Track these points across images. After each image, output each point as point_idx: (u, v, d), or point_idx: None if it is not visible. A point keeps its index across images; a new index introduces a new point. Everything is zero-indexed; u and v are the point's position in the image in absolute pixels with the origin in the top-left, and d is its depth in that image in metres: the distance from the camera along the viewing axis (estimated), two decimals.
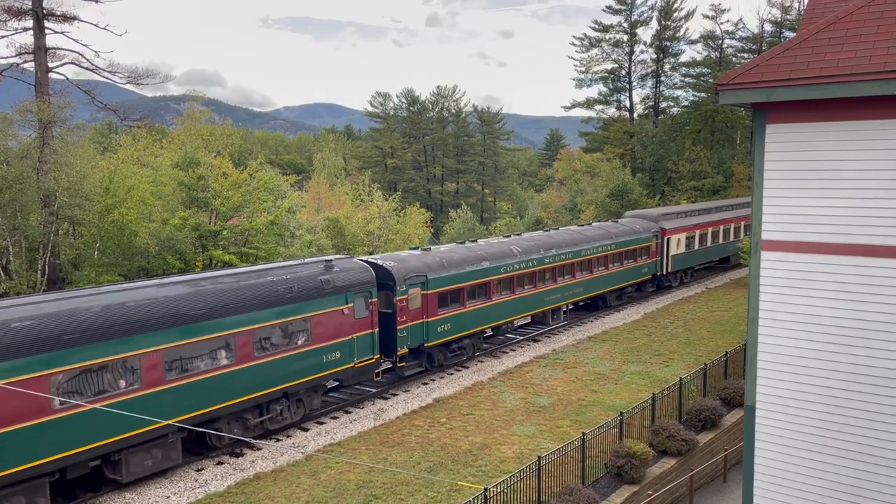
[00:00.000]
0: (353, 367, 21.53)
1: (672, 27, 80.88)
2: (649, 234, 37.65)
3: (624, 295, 36.94)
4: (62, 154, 31.96)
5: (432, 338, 24.49)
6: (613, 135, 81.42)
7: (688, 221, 41.60)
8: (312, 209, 55.67)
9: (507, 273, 27.72)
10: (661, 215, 40.41)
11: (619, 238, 35.26)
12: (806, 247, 9.90)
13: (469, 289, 25.91)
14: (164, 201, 36.87)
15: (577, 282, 32.21)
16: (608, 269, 34.33)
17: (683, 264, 41.29)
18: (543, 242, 30.50)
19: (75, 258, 33.53)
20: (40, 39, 35.71)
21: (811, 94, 9.30)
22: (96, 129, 74.78)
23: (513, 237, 31.13)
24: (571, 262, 31.57)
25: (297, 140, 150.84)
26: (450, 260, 25.42)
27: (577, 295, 32.55)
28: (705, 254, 43.96)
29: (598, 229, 34.99)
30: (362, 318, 21.72)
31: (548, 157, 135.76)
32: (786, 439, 10.30)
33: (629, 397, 22.49)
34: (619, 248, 35.05)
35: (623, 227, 36.78)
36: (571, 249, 31.66)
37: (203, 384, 17.27)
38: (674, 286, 41.52)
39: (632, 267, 36.37)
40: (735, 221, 47.28)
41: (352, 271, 21.70)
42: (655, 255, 38.49)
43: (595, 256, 33.17)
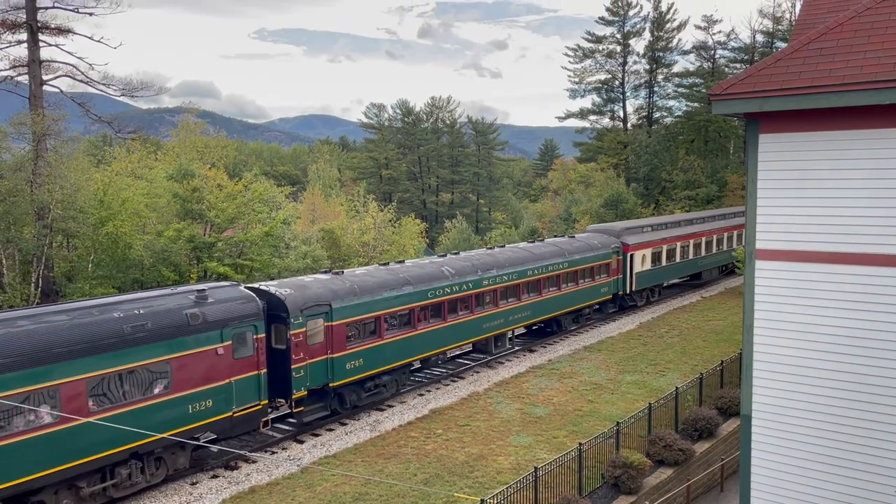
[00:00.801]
0: (231, 417, 18.05)
1: (665, 38, 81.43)
2: (609, 251, 34.77)
3: (581, 317, 33.93)
4: (56, 167, 31.92)
5: (339, 376, 21.13)
6: (607, 145, 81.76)
7: (654, 236, 38.72)
8: (307, 220, 55.64)
9: (437, 298, 24.59)
10: (623, 230, 37.52)
11: (574, 255, 32.23)
12: (800, 255, 9.94)
13: (387, 317, 22.72)
14: (158, 213, 36.83)
15: (524, 305, 29.00)
16: (560, 289, 31.25)
17: (650, 282, 38.50)
18: (483, 263, 27.47)
19: (69, 271, 33.42)
20: (34, 52, 35.73)
21: (803, 104, 9.36)
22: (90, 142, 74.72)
23: (449, 257, 27.99)
24: (516, 283, 28.43)
25: (292, 151, 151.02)
26: (363, 285, 22.31)
27: (524, 319, 29.41)
28: (674, 270, 41.32)
29: (550, 246, 32.10)
30: (244, 357, 18.35)
31: (542, 167, 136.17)
32: (782, 448, 10.29)
33: (625, 407, 22.46)
34: (574, 266, 32.00)
35: (579, 243, 33.83)
36: (516, 269, 28.54)
37: (17, 448, 14.23)
38: (639, 306, 38.44)
39: (589, 287, 33.31)
40: (707, 235, 44.56)
41: (230, 302, 18.40)
42: (617, 273, 35.52)
43: (544, 276, 30.15)
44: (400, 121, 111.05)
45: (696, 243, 42.86)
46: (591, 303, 34.01)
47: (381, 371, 22.74)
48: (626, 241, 36.10)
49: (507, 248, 31.02)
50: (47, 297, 31.90)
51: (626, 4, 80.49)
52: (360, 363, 21.84)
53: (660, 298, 40.88)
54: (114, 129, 40.73)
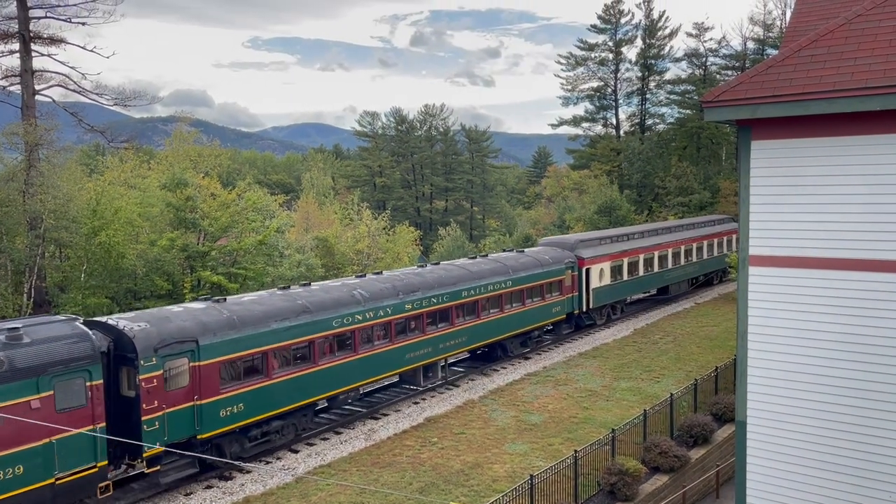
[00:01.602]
0: (53, 485, 14.78)
1: (656, 45, 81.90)
2: (562, 266, 31.71)
3: (530, 340, 30.79)
4: (49, 176, 31.82)
5: (210, 426, 17.65)
6: (600, 152, 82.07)
7: (613, 248, 35.94)
8: (301, 229, 55.57)
9: (344, 327, 21.32)
10: (578, 242, 34.42)
11: (519, 273, 29.16)
12: (793, 261, 9.97)
13: (278, 353, 19.36)
14: (151, 223, 36.75)
15: (458, 330, 25.89)
16: (504, 311, 28.14)
17: (609, 298, 35.48)
18: (406, 284, 24.28)
19: (62, 281, 33.28)
20: (27, 62, 35.68)
21: (794, 110, 9.42)
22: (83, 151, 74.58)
23: (368, 277, 24.78)
24: (447, 306, 25.32)
25: (286, 160, 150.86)
26: (246, 315, 18.89)
27: (460, 346, 26.18)
28: (638, 285, 38.40)
29: (492, 263, 28.99)
30: (73, 409, 15.09)
31: (536, 174, 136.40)
32: (777, 454, 10.29)
33: (621, 414, 22.45)
34: (519, 284, 28.92)
35: (527, 258, 30.68)
36: (447, 291, 25.39)
37: None
38: (598, 324, 35.36)
39: (538, 307, 30.13)
40: (674, 246, 41.43)
41: (54, 343, 15.14)
42: (571, 291, 32.49)
43: (483, 297, 27.03)
44: (393, 129, 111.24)
45: (661, 255, 39.99)
46: (540, 324, 30.84)
47: (269, 416, 19.24)
48: (580, 255, 33.22)
49: (442, 265, 27.90)
50: (40, 308, 31.75)
51: (617, 12, 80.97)
52: (241, 408, 18.23)
53: (623, 316, 37.95)
54: (107, 138, 40.71)
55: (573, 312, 33.19)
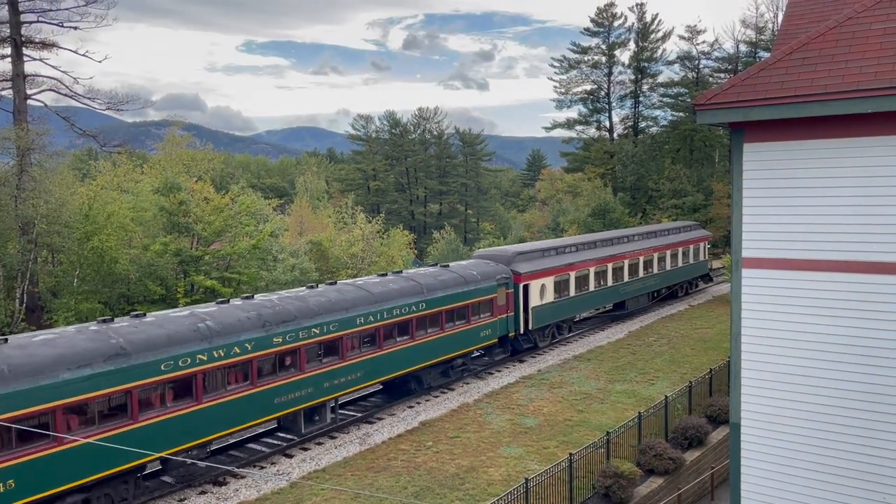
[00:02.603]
0: None
1: (649, 48, 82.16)
2: (492, 283, 27.76)
3: (453, 370, 26.54)
4: (41, 181, 31.74)
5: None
6: (594, 155, 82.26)
7: (558, 261, 32.15)
8: (295, 233, 55.47)
9: (179, 371, 17.00)
10: (516, 255, 30.34)
11: (436, 292, 25.06)
12: (786, 263, 9.99)
13: (76, 408, 15.23)
14: (144, 227, 36.65)
15: (352, 364, 21.60)
16: (414, 338, 23.96)
17: (553, 317, 31.71)
18: (276, 312, 19.73)
19: (54, 286, 33.15)
20: (18, 66, 35.60)
21: (786, 113, 9.45)
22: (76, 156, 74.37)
23: (231, 304, 19.84)
24: (336, 336, 21.03)
25: (279, 164, 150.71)
26: (28, 363, 14.65)
27: (354, 382, 21.88)
28: (588, 301, 34.50)
29: (403, 281, 24.74)
30: None
31: (530, 177, 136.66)
32: (772, 456, 10.31)
33: (615, 416, 22.46)
34: (436, 306, 24.88)
35: (449, 275, 26.44)
36: (335, 318, 21.06)
37: None
38: (541, 347, 31.32)
39: (462, 331, 26.14)
40: (632, 257, 37.65)
41: None
42: (505, 310, 28.54)
43: (386, 324, 22.84)
44: (387, 132, 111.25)
45: (617, 268, 36.33)
46: (464, 351, 26.63)
47: (64, 490, 15.03)
48: (517, 270, 29.43)
49: (339, 286, 23.36)
50: (32, 313, 31.62)
51: (610, 15, 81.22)
52: (12, 486, 14.10)
53: (572, 335, 34.11)
54: (99, 142, 40.68)
55: (508, 335, 29.04)
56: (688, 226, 46.95)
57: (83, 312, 30.37)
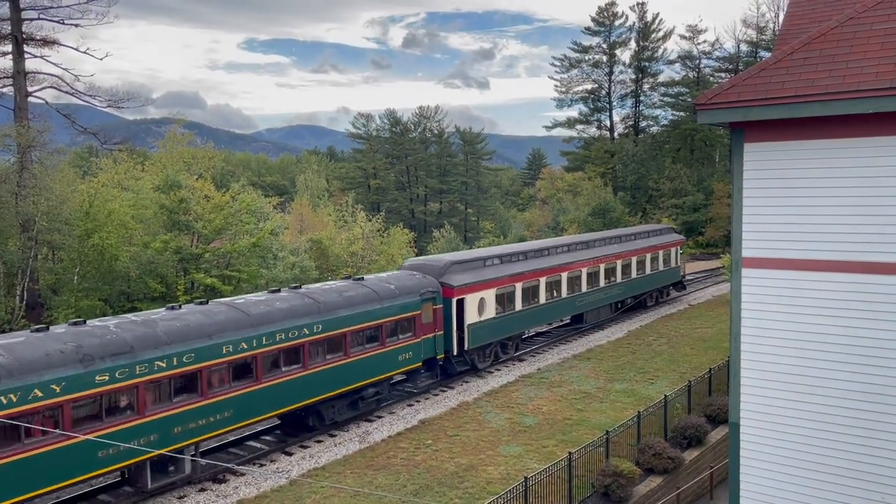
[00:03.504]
0: None
1: (650, 48, 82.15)
2: (416, 299, 24.02)
3: (363, 401, 22.55)
4: (41, 178, 31.77)
5: None
6: (594, 154, 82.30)
7: (502, 271, 28.58)
8: (295, 231, 55.49)
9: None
10: (450, 265, 26.58)
11: (338, 311, 21.14)
12: (786, 263, 10.00)
13: None
14: (145, 225, 36.69)
15: (215, 402, 17.71)
16: (307, 367, 20.05)
17: (495, 335, 27.98)
18: (105, 343, 15.99)
19: (55, 283, 33.18)
20: (19, 63, 35.61)
21: (787, 113, 9.45)
22: (76, 153, 74.41)
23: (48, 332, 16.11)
24: (194, 369, 17.24)
25: (280, 162, 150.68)
26: None
27: (221, 424, 17.92)
28: (540, 314, 30.97)
29: (298, 298, 20.86)
30: None
31: (530, 176, 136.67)
32: (771, 456, 10.32)
33: (615, 415, 22.48)
34: (337, 328, 20.95)
35: (360, 290, 22.60)
36: (194, 347, 17.25)
37: None
38: (480, 369, 27.74)
39: (373, 356, 22.35)
40: (592, 264, 34.17)
41: None
42: (432, 329, 24.94)
43: (267, 351, 18.97)
44: (388, 131, 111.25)
45: (573, 277, 32.87)
46: (378, 378, 22.77)
47: None
48: (449, 283, 25.83)
49: (210, 306, 19.50)
50: (32, 310, 31.64)
51: (611, 15, 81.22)
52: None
53: (521, 353, 30.59)
54: (100, 140, 40.69)
55: (436, 357, 25.41)
56: (658, 229, 43.29)
57: (83, 310, 30.40)
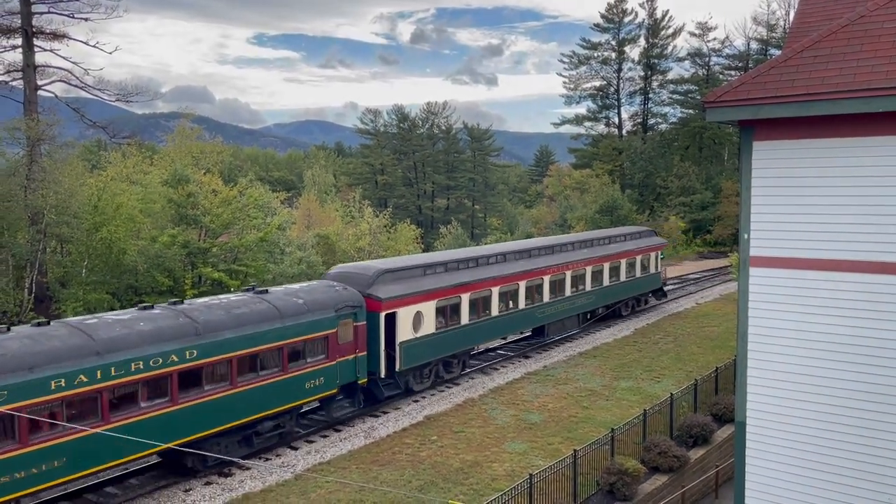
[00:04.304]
0: None
1: (660, 45, 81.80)
2: (329, 315, 20.46)
3: (258, 437, 19.20)
4: (50, 171, 31.90)
5: None
6: (602, 151, 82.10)
7: (446, 280, 25.09)
8: (302, 226, 55.62)
9: None
10: (381, 274, 23.17)
11: (219, 334, 17.65)
12: (794, 263, 9.95)
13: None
14: (153, 219, 36.81)
15: (39, 450, 14.30)
16: (176, 402, 16.67)
17: (437, 352, 24.67)
18: None
19: (63, 276, 33.33)
20: (29, 57, 35.72)
21: (797, 111, 9.39)
22: (85, 147, 74.66)
23: None
24: (18, 407, 13.82)
25: (288, 157, 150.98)
26: None
27: (45, 477, 14.49)
28: (493, 328, 27.46)
29: (168, 318, 17.24)
30: None
31: (537, 173, 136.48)
32: (777, 455, 10.29)
33: (620, 413, 22.45)
34: (218, 354, 17.51)
35: (255, 306, 19.13)
36: (15, 382, 13.87)
37: None
38: (417, 391, 24.55)
39: (270, 384, 18.86)
40: (555, 272, 30.65)
41: None
42: (352, 350, 21.39)
43: (118, 384, 15.54)
44: (395, 126, 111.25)
45: (532, 286, 29.38)
46: (278, 410, 19.27)
47: None
48: (375, 295, 22.33)
49: (55, 325, 16.03)
50: (40, 303, 31.79)
51: (621, 11, 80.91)
52: None
53: (471, 371, 27.36)
54: (109, 133, 40.79)
55: (357, 382, 21.80)
56: (637, 232, 39.60)
57: (91, 303, 30.55)
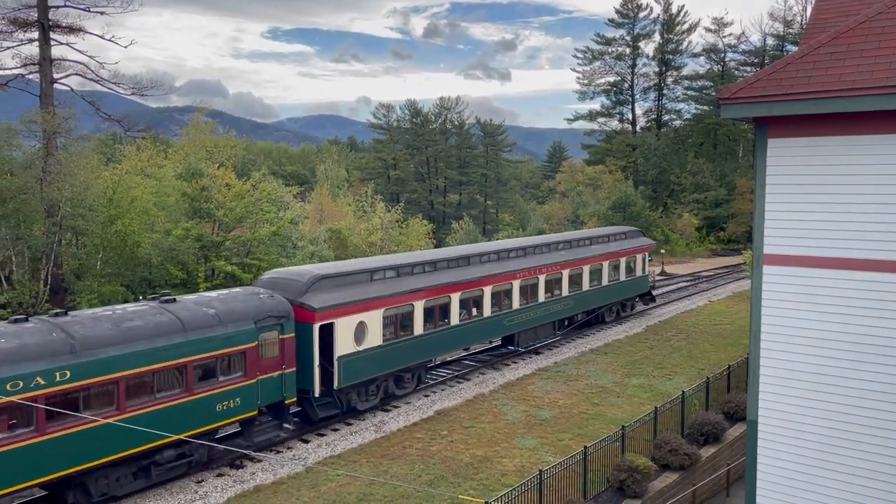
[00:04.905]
0: None
1: (674, 40, 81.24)
2: (247, 327, 18.02)
3: (157, 468, 16.85)
4: (66, 164, 32.16)
5: None
6: (616, 147, 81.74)
7: (395, 286, 22.52)
8: (315, 220, 55.77)
9: None
10: (314, 280, 20.55)
11: (101, 351, 15.31)
12: (808, 261, 9.89)
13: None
14: (167, 212, 37.06)
15: None
16: (45, 433, 14.42)
17: (383, 367, 22.15)
18: None
19: (78, 268, 33.64)
20: (46, 50, 36.00)
21: (812, 108, 9.32)
22: (101, 140, 75.21)
23: None
24: None
25: (301, 151, 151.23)
26: None
27: None
28: (452, 338, 24.95)
29: (34, 334, 14.82)
30: None
31: (550, 169, 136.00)
32: (789, 454, 10.24)
33: (631, 410, 22.40)
34: (101, 375, 15.22)
35: (154, 318, 16.71)
36: None
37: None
38: (362, 411, 22.01)
39: (174, 406, 16.68)
40: (527, 275, 28.03)
41: None
42: (278, 366, 18.94)
43: None
44: (408, 121, 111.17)
45: (500, 291, 26.87)
46: (182, 436, 16.41)
47: None
48: (308, 304, 19.82)
49: None
50: (56, 295, 32.11)
51: (636, 6, 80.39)
52: None
53: (426, 387, 24.78)
54: (124, 127, 41.08)
55: (284, 402, 19.41)
56: (622, 232, 36.73)
57: (106, 295, 30.82)
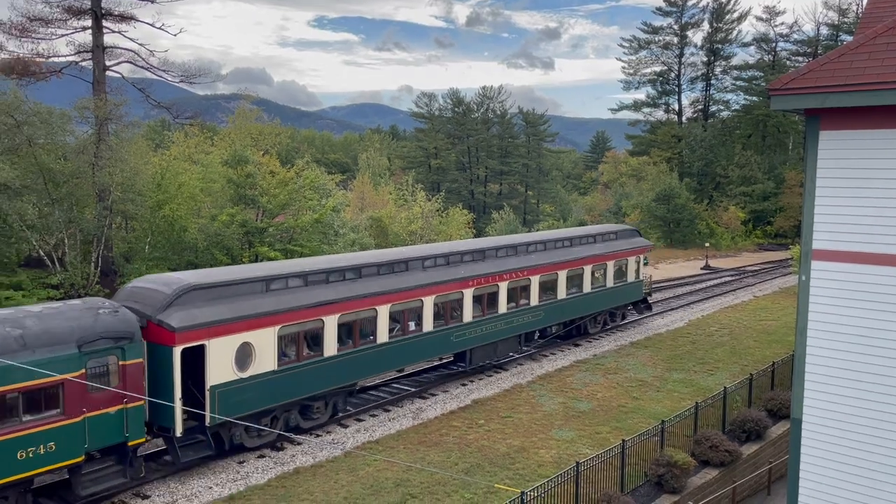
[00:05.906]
0: None
1: (724, 29, 79.47)
2: (69, 353, 14.03)
3: None
4: (117, 150, 32.97)
5: None
6: (661, 138, 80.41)
7: (298, 298, 18.37)
8: (356, 208, 56.23)
9: None
10: (184, 291, 16.40)
11: None
12: (858, 257, 9.63)
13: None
14: (212, 198, 37.75)
15: None
16: None
17: (280, 397, 18.20)
18: None
19: (127, 251, 34.57)
20: (98, 38, 36.87)
21: (867, 100, 9.05)
22: (150, 127, 76.91)
23: None
24: None
25: (343, 139, 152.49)
26: None
27: None
28: (376, 360, 20.70)
29: None
30: None
31: (593, 159, 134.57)
32: (833, 454, 10.04)
33: (671, 405, 22.16)
34: None
35: None
36: None
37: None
38: (251, 448, 18.28)
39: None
40: (482, 283, 23.75)
41: None
42: (121, 399, 14.83)
43: None
44: (450, 110, 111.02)
45: (447, 301, 22.74)
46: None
47: None
48: (167, 322, 15.78)
49: None
50: (106, 277, 33.04)
51: None
52: None
53: (348, 416, 20.90)
54: (172, 114, 41.88)
55: (126, 444, 15.19)
56: (611, 232, 31.51)
57: None
